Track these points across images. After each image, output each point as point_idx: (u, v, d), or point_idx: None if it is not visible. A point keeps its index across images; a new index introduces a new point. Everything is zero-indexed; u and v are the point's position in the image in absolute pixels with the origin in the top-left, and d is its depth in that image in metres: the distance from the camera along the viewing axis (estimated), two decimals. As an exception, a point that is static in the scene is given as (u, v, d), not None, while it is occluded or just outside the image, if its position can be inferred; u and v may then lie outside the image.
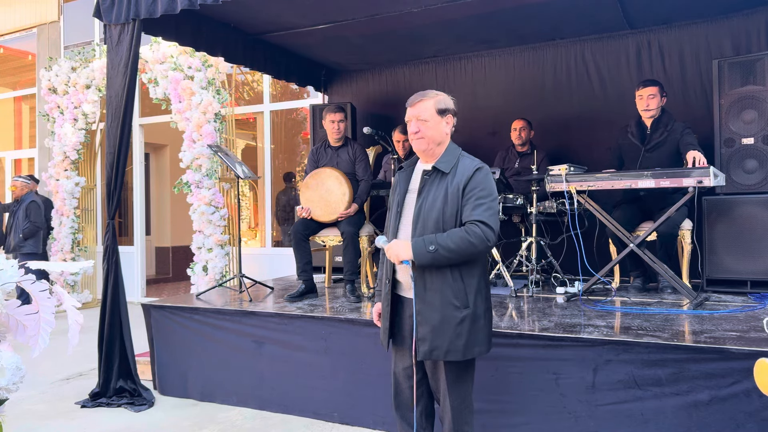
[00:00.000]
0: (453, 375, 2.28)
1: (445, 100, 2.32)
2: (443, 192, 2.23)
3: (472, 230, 2.14)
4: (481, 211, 2.17)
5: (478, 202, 2.18)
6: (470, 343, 2.21)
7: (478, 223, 2.15)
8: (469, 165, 2.26)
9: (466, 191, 2.20)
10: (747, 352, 2.49)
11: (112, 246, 3.95)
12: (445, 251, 2.13)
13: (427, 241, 2.15)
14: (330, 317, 3.51)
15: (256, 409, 3.70)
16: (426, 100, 2.29)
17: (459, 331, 2.19)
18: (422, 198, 2.27)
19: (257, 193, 8.76)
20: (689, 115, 4.72)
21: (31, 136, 9.72)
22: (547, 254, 4.62)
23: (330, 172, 4.34)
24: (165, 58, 6.72)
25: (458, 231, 2.16)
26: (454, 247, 2.13)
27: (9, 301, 1.33)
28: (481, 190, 2.20)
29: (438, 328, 2.19)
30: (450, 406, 2.29)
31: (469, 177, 2.21)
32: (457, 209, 2.21)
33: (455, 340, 2.19)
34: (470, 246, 2.13)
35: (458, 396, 2.30)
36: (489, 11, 4.65)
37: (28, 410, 3.80)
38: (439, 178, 2.27)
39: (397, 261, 2.22)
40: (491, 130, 5.70)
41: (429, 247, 2.13)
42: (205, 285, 6.33)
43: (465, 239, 2.13)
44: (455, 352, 2.20)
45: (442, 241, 2.14)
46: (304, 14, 4.71)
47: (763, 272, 3.90)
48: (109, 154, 3.98)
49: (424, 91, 2.35)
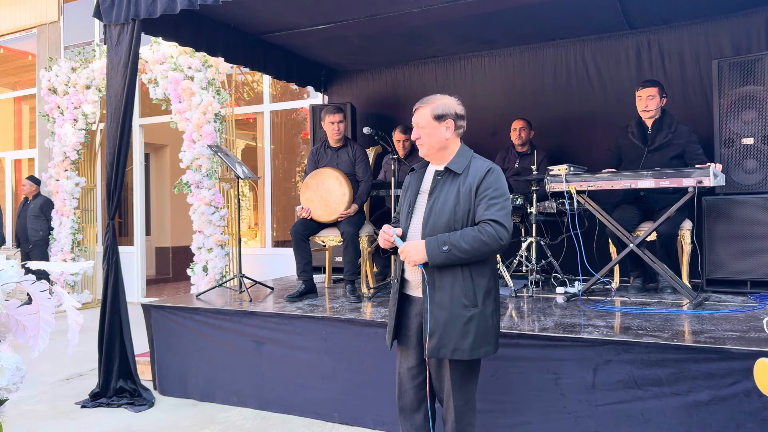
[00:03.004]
0: (458, 375, 2.28)
1: (445, 105, 2.32)
2: (455, 192, 2.24)
3: (485, 229, 2.15)
4: (495, 210, 2.18)
5: (492, 202, 2.20)
6: (477, 342, 2.21)
7: (491, 223, 2.16)
8: (482, 166, 2.28)
9: (479, 191, 2.22)
10: (747, 352, 2.49)
11: (112, 246, 3.95)
12: (459, 251, 2.14)
13: (440, 240, 2.16)
14: (330, 317, 3.51)
15: (256, 409, 3.70)
16: (423, 107, 2.32)
17: (466, 329, 2.19)
18: (434, 198, 2.28)
19: (257, 193, 8.76)
20: (689, 115, 4.72)
21: (31, 136, 9.72)
22: (547, 254, 4.62)
23: (330, 172, 4.34)
24: (165, 58, 6.72)
25: (471, 230, 2.17)
26: (467, 246, 2.14)
27: (9, 301, 1.33)
28: (494, 191, 2.22)
29: (446, 326, 2.19)
30: (454, 406, 2.28)
31: (482, 178, 2.23)
32: (469, 209, 2.22)
33: (462, 339, 2.19)
34: (483, 245, 2.15)
35: (462, 396, 2.29)
36: (489, 11, 4.65)
37: (29, 410, 3.80)
38: (451, 179, 2.28)
39: (411, 264, 2.23)
40: (491, 130, 5.70)
41: (442, 248, 2.14)
42: (205, 285, 6.33)
43: (478, 238, 2.14)
44: (462, 351, 2.20)
45: (455, 240, 2.15)
46: (304, 14, 4.71)
47: (763, 272, 3.90)
48: (109, 154, 3.98)
49: (429, 96, 2.36)
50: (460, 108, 2.35)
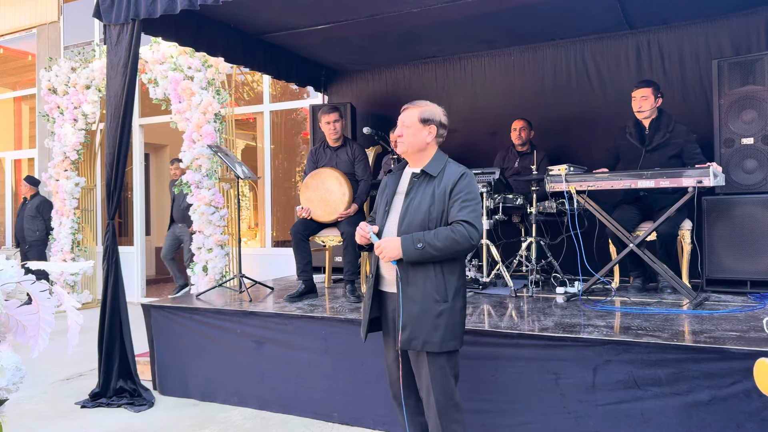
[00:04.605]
0: (435, 368, 2.35)
1: (432, 111, 2.44)
2: (430, 193, 2.36)
3: (457, 229, 2.27)
4: (467, 212, 2.30)
5: (464, 204, 2.32)
6: (447, 336, 2.32)
7: (464, 223, 2.28)
8: (456, 170, 2.40)
9: (453, 194, 2.34)
10: (747, 352, 2.49)
11: (112, 246, 3.95)
12: (432, 249, 2.25)
13: (415, 238, 2.27)
14: (330, 317, 3.51)
15: (256, 409, 3.70)
16: (413, 109, 2.44)
17: (437, 323, 2.31)
18: (410, 198, 2.40)
19: (257, 193, 8.76)
20: (689, 115, 4.72)
21: (31, 136, 9.72)
22: (547, 254, 4.62)
23: (330, 172, 4.34)
24: (165, 58, 6.72)
25: (444, 230, 2.29)
26: (440, 245, 2.25)
27: (9, 301, 1.33)
28: (466, 194, 2.34)
29: (417, 319, 2.32)
30: (435, 401, 2.34)
31: (456, 181, 2.36)
32: (442, 210, 2.34)
33: (433, 331, 2.30)
34: (455, 243, 2.26)
35: (443, 392, 2.35)
36: (489, 11, 4.65)
37: (29, 410, 3.80)
38: (427, 181, 2.40)
39: (386, 260, 2.33)
40: (491, 130, 5.71)
41: (417, 245, 2.25)
42: (205, 285, 6.33)
43: (451, 237, 2.26)
44: (432, 344, 2.31)
45: (429, 239, 2.26)
46: (304, 14, 4.71)
47: (762, 272, 3.90)
48: (109, 154, 3.98)
49: (419, 100, 2.49)
50: (445, 118, 2.49)
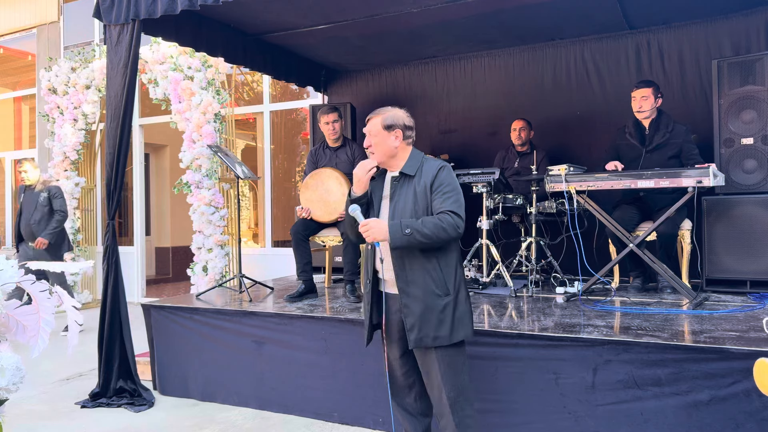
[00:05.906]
0: (445, 363, 2.36)
1: (394, 116, 2.46)
2: (412, 193, 2.40)
3: (444, 218, 2.31)
4: (450, 202, 2.34)
5: (446, 196, 2.36)
6: (455, 327, 2.35)
7: (449, 213, 2.32)
8: (434, 165, 2.43)
9: (434, 187, 2.38)
10: (747, 352, 2.49)
11: (112, 246, 3.95)
12: (420, 235, 2.28)
13: (403, 224, 2.30)
14: (330, 317, 3.51)
15: (256, 409, 3.70)
16: (375, 118, 2.47)
17: (442, 317, 2.34)
18: (394, 201, 2.44)
19: (257, 194, 8.76)
20: (689, 115, 4.72)
21: (31, 136, 9.72)
22: (547, 254, 4.62)
23: (330, 172, 4.35)
24: (165, 58, 6.73)
25: (431, 218, 2.33)
26: (428, 232, 2.28)
27: (9, 301, 1.33)
28: (447, 186, 2.37)
29: (423, 316, 2.33)
30: (446, 397, 2.35)
31: (435, 175, 2.39)
32: (426, 205, 2.38)
33: (440, 326, 2.33)
34: (442, 231, 2.29)
35: (454, 387, 2.36)
36: (489, 11, 4.65)
37: (28, 410, 3.80)
38: (407, 182, 2.44)
39: (370, 239, 2.35)
40: (491, 130, 5.71)
41: (405, 230, 2.28)
42: (205, 285, 6.33)
43: (438, 225, 2.29)
44: (442, 338, 2.33)
45: (417, 226, 2.29)
46: (304, 14, 4.71)
47: (762, 272, 3.90)
48: (109, 154, 3.98)
49: (380, 108, 2.51)
50: (408, 120, 2.49)
